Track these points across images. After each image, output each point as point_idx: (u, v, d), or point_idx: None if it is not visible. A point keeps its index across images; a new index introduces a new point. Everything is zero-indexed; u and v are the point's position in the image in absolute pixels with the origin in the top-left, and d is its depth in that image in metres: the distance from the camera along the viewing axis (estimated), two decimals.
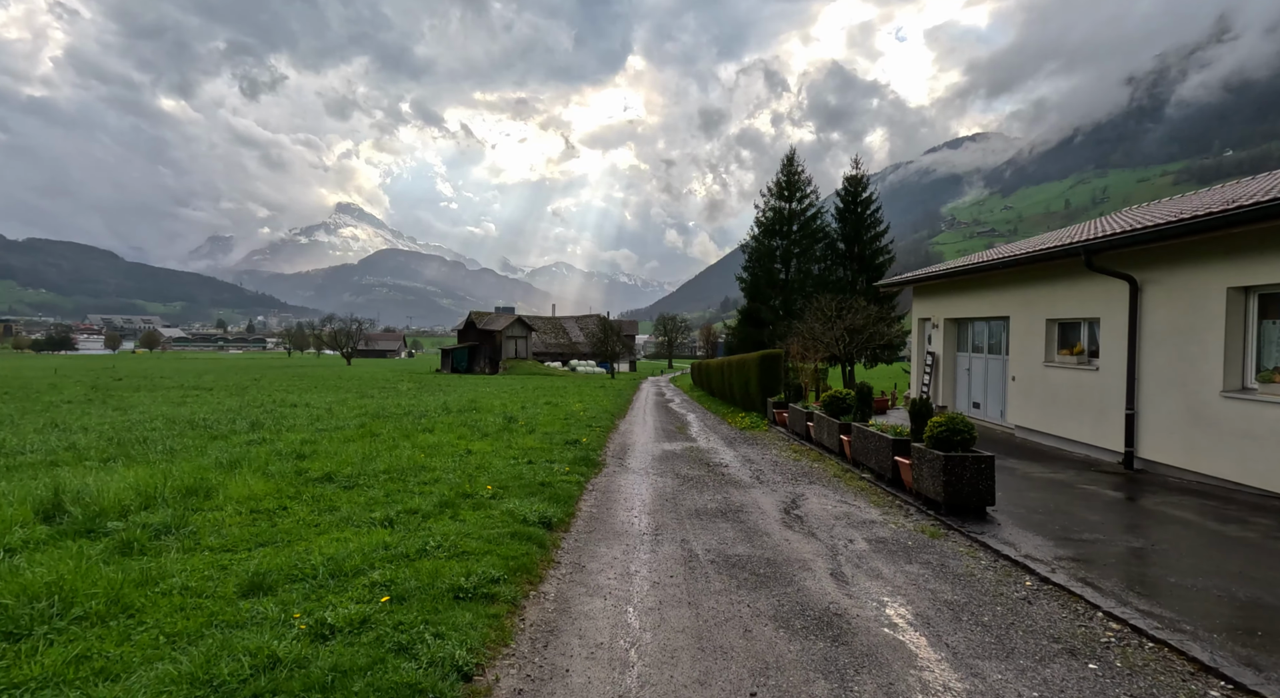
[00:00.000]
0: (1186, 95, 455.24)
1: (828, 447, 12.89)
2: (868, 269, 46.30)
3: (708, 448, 14.09)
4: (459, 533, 5.98)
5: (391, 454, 10.39)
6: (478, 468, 9.54)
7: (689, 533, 6.87)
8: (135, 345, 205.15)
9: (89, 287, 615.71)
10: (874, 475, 10.04)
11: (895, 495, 8.80)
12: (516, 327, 73.48)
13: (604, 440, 14.32)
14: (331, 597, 4.36)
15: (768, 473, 10.78)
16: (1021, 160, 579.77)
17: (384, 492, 7.80)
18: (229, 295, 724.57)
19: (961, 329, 17.58)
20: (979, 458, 7.58)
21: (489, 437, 13.33)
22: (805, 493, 9.11)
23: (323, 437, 12.60)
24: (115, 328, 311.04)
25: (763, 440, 15.39)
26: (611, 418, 19.07)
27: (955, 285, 17.20)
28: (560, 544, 6.28)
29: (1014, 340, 14.38)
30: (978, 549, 6.33)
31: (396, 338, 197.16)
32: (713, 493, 9.05)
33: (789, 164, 50.64)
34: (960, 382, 17.52)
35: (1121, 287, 10.77)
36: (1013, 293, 14.45)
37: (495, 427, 14.92)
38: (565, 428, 15.25)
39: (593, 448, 12.45)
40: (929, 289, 18.89)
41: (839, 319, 32.89)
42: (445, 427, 14.72)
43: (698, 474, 10.55)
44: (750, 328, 48.95)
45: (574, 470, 9.75)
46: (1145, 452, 10.37)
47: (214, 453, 9.94)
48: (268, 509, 6.83)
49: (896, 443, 9.35)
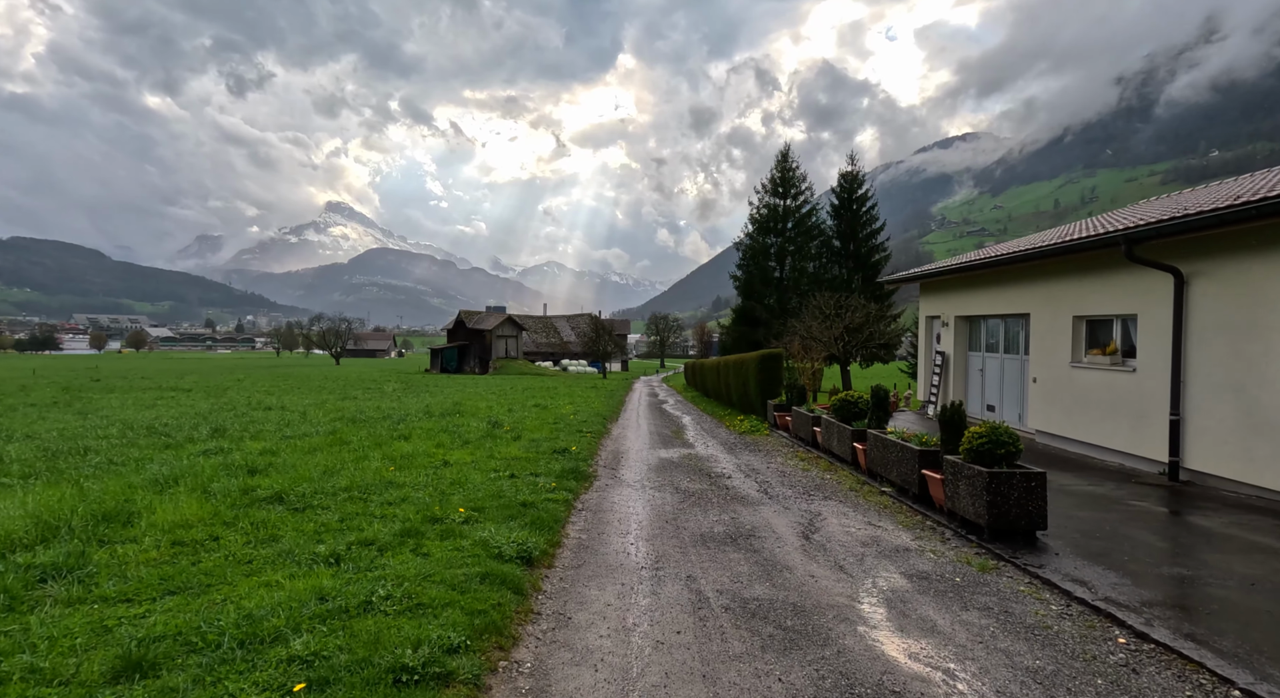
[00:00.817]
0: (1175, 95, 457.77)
1: (838, 455, 11.87)
2: (864, 267, 45.35)
3: (707, 455, 13.05)
4: (418, 574, 4.90)
5: (358, 467, 9.29)
6: (453, 484, 8.45)
7: (696, 567, 5.82)
8: (122, 345, 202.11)
9: (74, 286, 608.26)
10: (896, 490, 9.02)
11: (925, 515, 7.78)
12: (507, 326, 72.26)
13: (595, 448, 13.25)
14: (231, 682, 3.28)
15: (776, 486, 9.75)
16: (1011, 160, 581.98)
17: (339, 516, 6.71)
18: (218, 295, 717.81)
19: (974, 327, 16.61)
20: (1028, 475, 6.56)
21: (470, 445, 12.23)
22: (822, 512, 8.07)
23: (287, 446, 11.47)
24: (101, 327, 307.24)
25: (765, 447, 14.36)
26: (603, 422, 18.00)
27: (968, 281, 16.22)
28: (541, 586, 5.21)
29: (1035, 339, 13.40)
30: (1042, 589, 5.30)
31: (386, 337, 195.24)
32: (718, 512, 8.00)
33: (783, 160, 49.68)
34: (972, 383, 16.55)
35: (1164, 280, 9.79)
36: (1034, 288, 13.47)
37: (478, 433, 13.82)
38: (554, 434, 14.18)
39: (583, 457, 11.37)
40: (938, 285, 17.91)
41: (838, 317, 31.96)
42: (424, 433, 13.61)
43: (699, 488, 9.50)
44: (744, 327, 47.98)
45: (561, 486, 8.67)
46: (1193, 462, 9.39)
47: (155, 467, 8.81)
48: (194, 541, 5.73)
49: (924, 455, 8.32)
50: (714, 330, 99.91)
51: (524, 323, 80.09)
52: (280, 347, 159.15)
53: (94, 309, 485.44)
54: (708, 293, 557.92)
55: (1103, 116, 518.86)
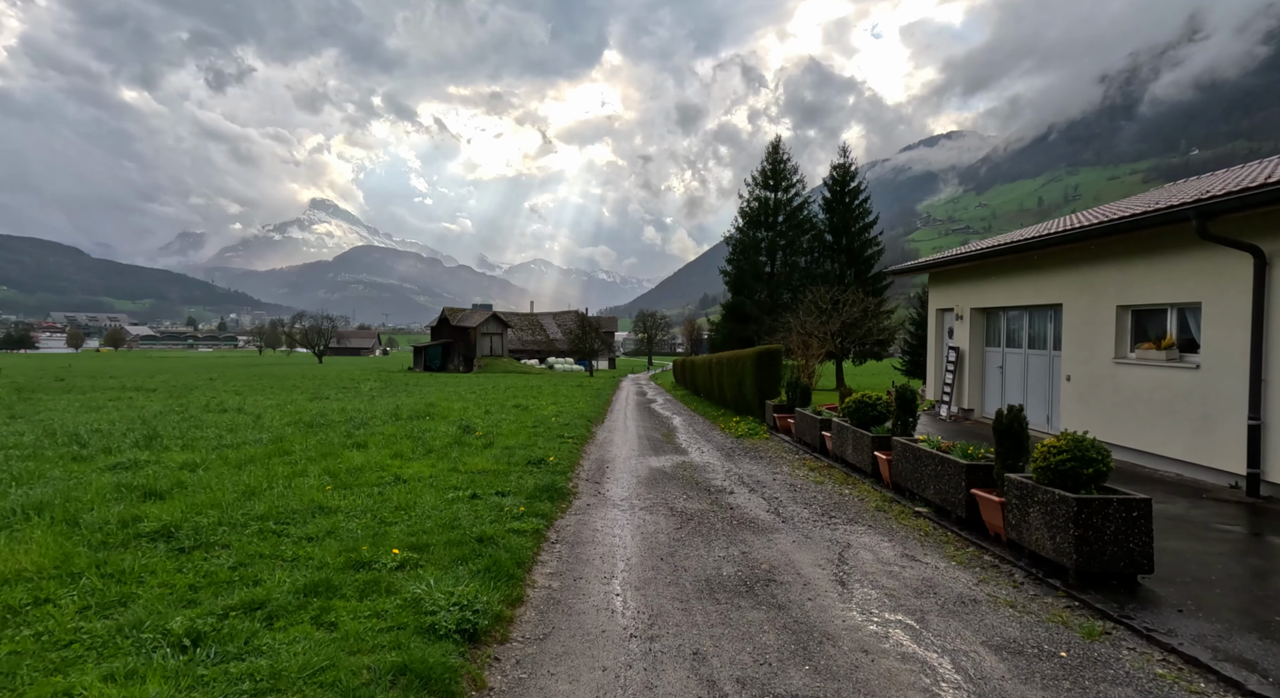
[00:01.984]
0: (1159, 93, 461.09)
1: (853, 464, 10.40)
2: (856, 262, 43.96)
3: (703, 464, 11.55)
4: (305, 668, 3.35)
5: (289, 487, 7.70)
6: (399, 509, 6.88)
7: (704, 634, 4.30)
8: (100, 344, 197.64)
9: (53, 284, 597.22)
10: (933, 511, 7.55)
11: (979, 546, 6.31)
12: (492, 323, 70.45)
13: (577, 456, 11.70)
14: None
15: (788, 504, 8.26)
16: (996, 158, 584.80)
17: (236, 559, 5.13)
18: (200, 293, 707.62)
19: (992, 320, 15.20)
20: (1129, 503, 5.09)
21: (433, 455, 10.65)
22: (851, 542, 6.58)
23: (216, 458, 9.85)
24: (80, 326, 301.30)
25: (766, 453, 12.88)
26: (588, 424, 16.46)
27: (986, 269, 14.80)
28: (486, 680, 3.65)
29: (1069, 333, 12.00)
30: (1191, 672, 3.81)
31: (371, 335, 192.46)
32: (725, 543, 6.48)
33: (774, 152, 48.29)
34: (990, 382, 15.15)
35: (1238, 262, 8.38)
36: (1067, 275, 12.06)
37: (446, 440, 12.23)
38: (531, 440, 12.62)
39: (562, 469, 9.82)
40: (952, 275, 16.49)
41: (835, 312, 30.58)
42: (384, 440, 12.02)
43: (698, 508, 7.99)
44: (735, 323, 46.58)
45: (532, 510, 7.11)
46: (1278, 474, 7.99)
47: (24, 490, 7.17)
48: (8, 606, 4.15)
49: (972, 470, 6.84)
50: (704, 327, 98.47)
51: (509, 320, 78.28)
52: (263, 345, 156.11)
53: (73, 307, 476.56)
54: (695, 290, 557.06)
55: (1087, 115, 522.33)
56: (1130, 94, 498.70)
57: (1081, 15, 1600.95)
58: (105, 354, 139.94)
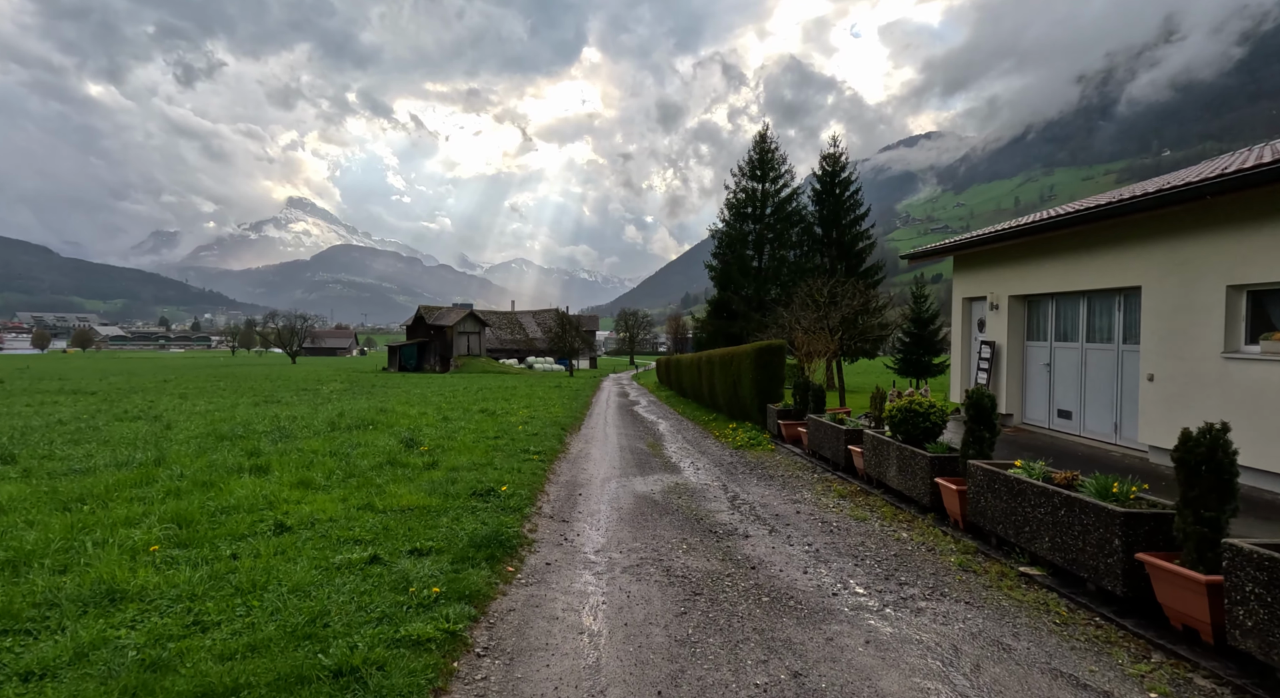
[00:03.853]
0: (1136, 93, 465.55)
1: (897, 491, 8.00)
2: (848, 256, 41.61)
3: (700, 486, 9.12)
4: None
5: (101, 543, 5.14)
6: (243, 592, 4.34)
7: None
8: (67, 344, 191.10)
9: (20, 284, 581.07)
10: (1051, 573, 5.16)
11: (1176, 656, 3.90)
12: (469, 322, 67.55)
13: (542, 479, 9.19)
14: None
15: (831, 558, 5.83)
16: (974, 158, 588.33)
17: None
18: (174, 292, 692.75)
19: (1037, 310, 12.90)
20: None
21: (351, 482, 8.11)
22: (961, 646, 4.15)
23: (48, 490, 7.24)
24: (47, 326, 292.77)
25: (776, 470, 10.46)
26: (561, 434, 13.97)
27: (1031, 249, 12.49)
28: None
29: (1150, 321, 9.70)
30: None
31: (348, 335, 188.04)
32: (758, 651, 4.00)
33: (761, 141, 46.00)
34: (1034, 382, 12.86)
35: None
36: (1147, 251, 9.77)
37: (379, 458, 9.68)
38: (488, 457, 10.11)
39: (517, 504, 7.30)
40: (984, 257, 14.18)
41: (832, 306, 28.30)
42: (298, 460, 9.44)
43: (706, 569, 5.53)
44: (721, 320, 44.24)
45: (456, 586, 4.57)
46: None
47: None
48: None
49: (1132, 522, 4.45)
50: (689, 325, 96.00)
51: (487, 319, 75.39)
52: (235, 345, 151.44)
53: (42, 307, 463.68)
54: (677, 290, 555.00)
55: (1064, 115, 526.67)
56: (1107, 94, 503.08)
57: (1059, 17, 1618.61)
58: (71, 355, 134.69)
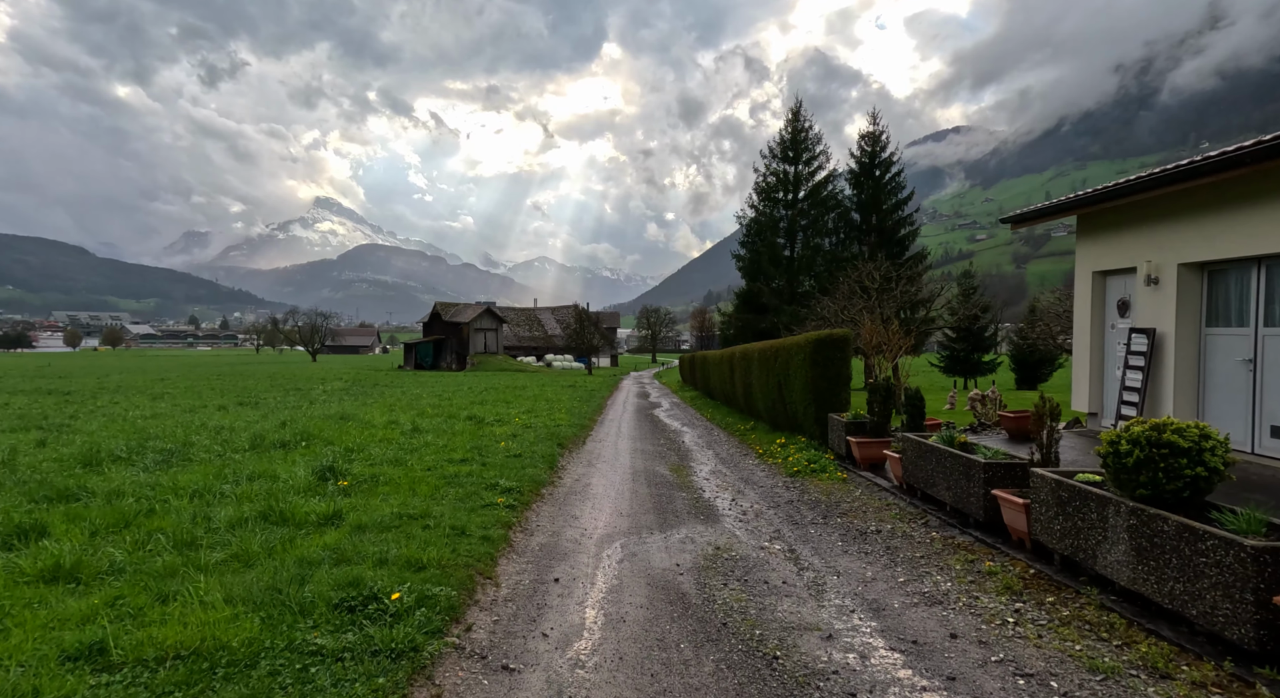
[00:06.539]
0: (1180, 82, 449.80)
1: (1123, 586, 4.36)
2: (889, 243, 37.23)
3: (756, 557, 5.56)
4: None
5: None
6: None
7: None
8: (98, 343, 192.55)
9: (59, 284, 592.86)
10: None
11: None
12: (486, 318, 64.45)
13: (497, 548, 5.66)
14: None
15: None
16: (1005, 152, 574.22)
17: None
18: (204, 292, 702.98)
19: (1224, 282, 9.06)
20: None
21: (140, 573, 4.71)
22: None
23: None
24: (80, 325, 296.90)
25: (865, 519, 6.81)
26: (555, 454, 10.45)
27: (1220, 194, 8.67)
28: None
29: None
30: None
31: (370, 333, 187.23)
32: None
33: (794, 119, 42.01)
34: (1222, 386, 9.01)
35: None
36: None
37: (258, 505, 6.24)
38: (427, 503, 6.64)
39: (403, 637, 3.81)
40: (1135, 212, 10.31)
41: (885, 293, 24.46)
42: (113, 517, 6.06)
43: None
44: (749, 314, 40.39)
45: None
46: None
47: None
48: None
49: None
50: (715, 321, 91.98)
51: (504, 315, 72.26)
52: (260, 343, 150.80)
53: (78, 307, 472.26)
54: (699, 287, 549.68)
55: (1101, 106, 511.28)
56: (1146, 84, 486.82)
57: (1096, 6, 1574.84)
58: (102, 353, 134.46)
